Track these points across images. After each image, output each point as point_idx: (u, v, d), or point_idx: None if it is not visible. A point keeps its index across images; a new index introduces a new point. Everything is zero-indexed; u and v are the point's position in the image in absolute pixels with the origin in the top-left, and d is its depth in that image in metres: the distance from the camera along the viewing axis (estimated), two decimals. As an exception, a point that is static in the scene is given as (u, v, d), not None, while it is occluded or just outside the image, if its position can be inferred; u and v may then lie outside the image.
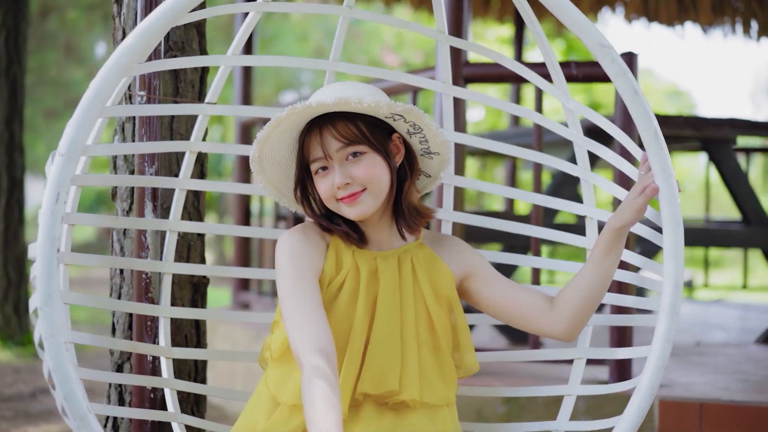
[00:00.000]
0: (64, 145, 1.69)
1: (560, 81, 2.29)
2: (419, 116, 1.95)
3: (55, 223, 1.67)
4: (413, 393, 1.95)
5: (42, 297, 1.65)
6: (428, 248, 2.09)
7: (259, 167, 2.04)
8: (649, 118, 1.93)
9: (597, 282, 2.04)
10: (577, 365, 2.31)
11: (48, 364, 1.66)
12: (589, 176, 2.31)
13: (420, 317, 2.01)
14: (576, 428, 2.24)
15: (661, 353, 1.95)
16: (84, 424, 1.64)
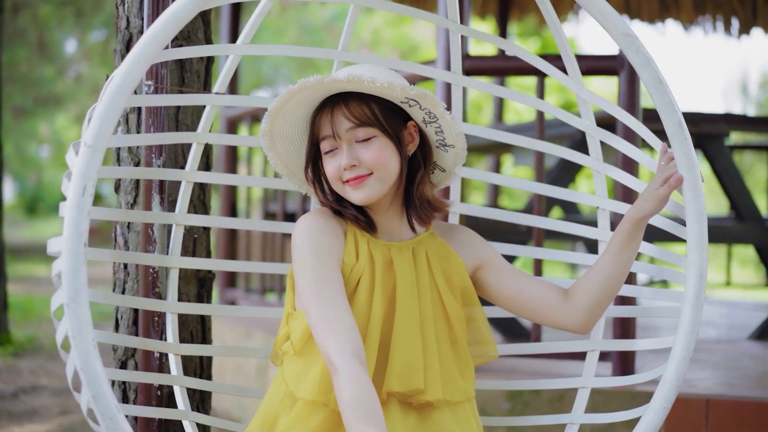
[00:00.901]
0: (90, 136, 1.63)
1: (575, 72, 2.27)
2: (434, 103, 1.89)
3: (82, 217, 1.61)
4: (437, 392, 1.91)
5: (69, 293, 1.59)
6: (440, 238, 2.05)
7: (270, 143, 2.01)
8: (674, 108, 1.92)
9: (614, 274, 2.01)
10: (590, 358, 2.30)
11: (75, 363, 1.60)
12: (602, 167, 2.29)
13: (437, 310, 1.97)
14: (593, 420, 2.21)
15: (686, 344, 1.95)
16: (114, 424, 1.58)
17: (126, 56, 1.71)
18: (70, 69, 16.53)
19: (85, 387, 1.59)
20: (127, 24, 2.44)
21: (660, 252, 2.11)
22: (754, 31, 7.17)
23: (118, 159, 2.46)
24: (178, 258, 2.30)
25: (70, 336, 1.58)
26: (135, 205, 2.42)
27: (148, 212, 2.27)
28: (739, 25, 7.08)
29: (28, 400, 4.75)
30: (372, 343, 1.88)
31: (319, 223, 1.92)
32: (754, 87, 20.57)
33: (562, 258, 2.39)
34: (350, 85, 1.87)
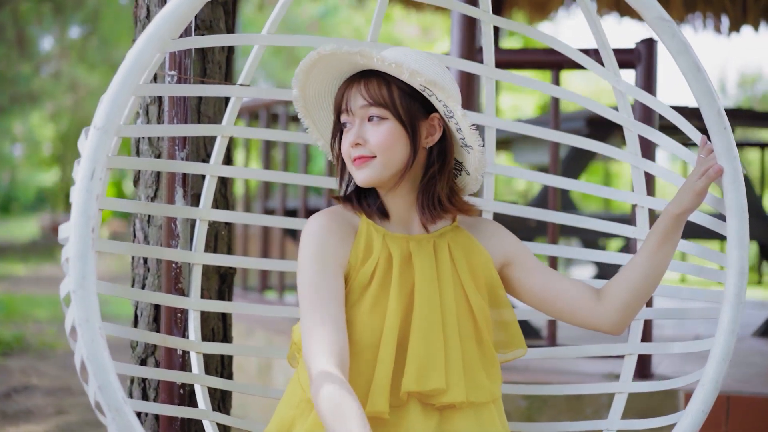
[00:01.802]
0: (100, 119, 1.58)
1: (611, 64, 2.22)
2: (447, 93, 1.79)
3: (91, 201, 1.55)
4: (459, 394, 1.81)
5: (76, 280, 1.53)
6: (465, 231, 1.95)
7: (305, 112, 1.98)
8: (713, 96, 1.86)
9: (650, 273, 1.93)
10: (628, 361, 2.22)
11: (81, 352, 1.53)
12: (641, 162, 2.23)
13: (460, 307, 1.87)
14: (630, 426, 2.15)
15: (726, 345, 1.88)
16: (120, 416, 1.51)
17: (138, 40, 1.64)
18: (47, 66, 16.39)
19: (91, 377, 1.53)
20: (147, 13, 2.37)
21: (696, 248, 2.06)
22: (744, 28, 7.20)
23: (138, 152, 2.40)
24: (201, 254, 2.24)
25: (77, 324, 1.52)
26: (155, 199, 2.36)
27: (173, 206, 2.21)
28: (729, 23, 7.10)
29: (21, 400, 4.67)
30: (389, 342, 1.79)
31: (325, 226, 1.84)
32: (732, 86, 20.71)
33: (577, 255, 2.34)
34: (361, 59, 1.81)
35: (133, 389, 2.43)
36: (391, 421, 1.80)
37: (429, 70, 1.84)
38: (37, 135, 22.73)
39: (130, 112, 2.08)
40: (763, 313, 5.72)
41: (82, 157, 1.59)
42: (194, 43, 2.06)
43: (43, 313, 8.52)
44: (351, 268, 1.83)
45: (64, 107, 18.36)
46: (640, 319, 2.20)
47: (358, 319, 1.80)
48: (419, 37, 16.68)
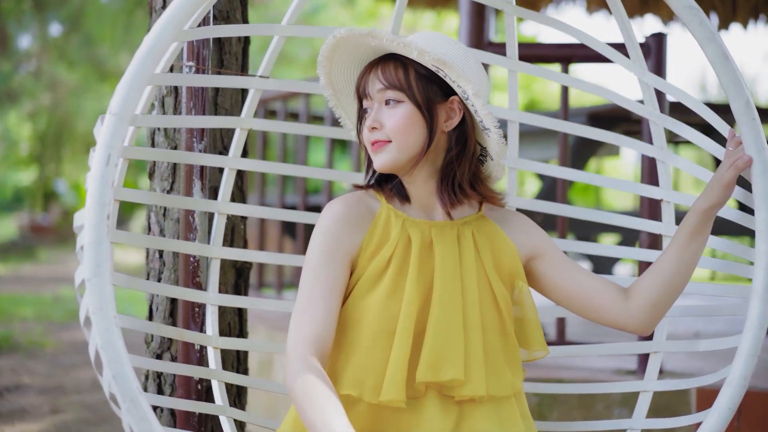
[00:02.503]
0: (115, 105, 1.54)
1: (638, 56, 2.21)
2: (457, 72, 1.76)
3: (106, 187, 1.51)
4: (480, 388, 1.76)
5: (91, 267, 1.49)
6: (490, 221, 1.91)
7: (335, 100, 1.97)
8: (741, 85, 1.82)
9: (679, 269, 1.88)
10: (653, 360, 2.19)
11: (95, 341, 1.50)
12: (667, 156, 2.21)
13: (484, 297, 1.82)
14: (654, 425, 2.13)
15: (755, 341, 1.83)
16: (135, 406, 1.47)
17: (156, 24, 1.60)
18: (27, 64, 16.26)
19: (105, 367, 1.48)
20: (163, 4, 2.33)
21: (723, 244, 2.03)
22: (733, 26, 7.22)
23: (153, 144, 2.36)
24: (219, 248, 2.21)
25: (91, 312, 1.48)
26: (171, 192, 2.33)
27: (192, 199, 2.17)
28: (718, 21, 7.12)
29: (14, 399, 4.62)
30: (405, 329, 1.74)
31: (339, 214, 1.81)
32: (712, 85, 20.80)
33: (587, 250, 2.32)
34: (373, 41, 1.79)
35: (148, 385, 2.39)
36: (408, 414, 1.77)
37: (441, 49, 1.80)
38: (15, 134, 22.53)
39: (146, 102, 2.05)
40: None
41: (97, 143, 1.56)
42: (210, 32, 2.04)
43: (29, 311, 8.46)
44: (363, 253, 1.80)
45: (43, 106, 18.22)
46: (667, 317, 2.17)
47: (373, 305, 1.77)
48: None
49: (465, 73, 1.80)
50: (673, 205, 2.21)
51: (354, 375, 1.76)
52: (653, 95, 2.21)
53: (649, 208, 3.02)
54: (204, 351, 2.21)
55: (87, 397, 4.84)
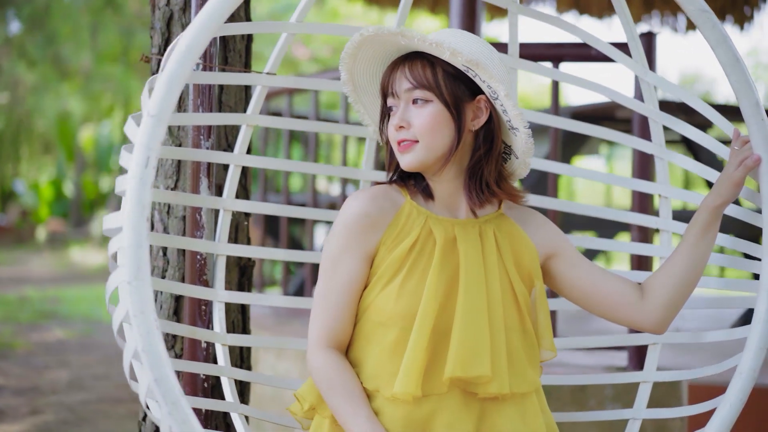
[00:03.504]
0: (154, 106, 1.53)
1: (640, 56, 2.25)
2: (490, 73, 1.76)
3: (145, 190, 1.50)
4: (504, 385, 1.78)
5: (131, 270, 1.48)
6: (510, 219, 1.92)
7: (355, 95, 1.97)
8: (751, 87, 1.88)
9: (692, 266, 1.92)
10: (652, 351, 2.24)
11: (135, 344, 1.49)
12: (665, 153, 2.25)
13: (506, 295, 1.84)
14: (657, 415, 2.17)
15: (763, 334, 1.89)
16: (176, 409, 1.47)
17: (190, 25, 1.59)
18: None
19: (146, 370, 1.47)
20: (167, 1, 2.33)
21: (731, 241, 2.07)
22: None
23: (156, 142, 2.35)
24: (226, 245, 2.21)
25: (132, 315, 1.47)
26: (176, 190, 2.32)
27: (200, 196, 2.17)
28: (686, 22, 7.22)
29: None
30: (424, 326, 1.75)
31: (361, 209, 1.82)
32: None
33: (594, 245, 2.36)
34: (403, 40, 1.79)
35: (150, 383, 2.38)
36: (430, 410, 1.77)
37: (471, 49, 1.81)
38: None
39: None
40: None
41: (135, 145, 1.55)
42: (246, 29, 2.05)
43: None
44: (382, 247, 1.81)
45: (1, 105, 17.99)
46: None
47: (391, 299, 1.78)
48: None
49: (496, 73, 1.81)
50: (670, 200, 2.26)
51: (372, 368, 1.79)
52: (653, 93, 2.25)
53: (639, 203, 3.07)
54: (210, 349, 2.21)
55: (64, 398, 4.81)
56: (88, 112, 17.37)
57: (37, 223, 21.04)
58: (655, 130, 2.27)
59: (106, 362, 6.06)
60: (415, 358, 1.74)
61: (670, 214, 2.26)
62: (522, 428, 1.80)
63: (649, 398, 2.20)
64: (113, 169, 20.17)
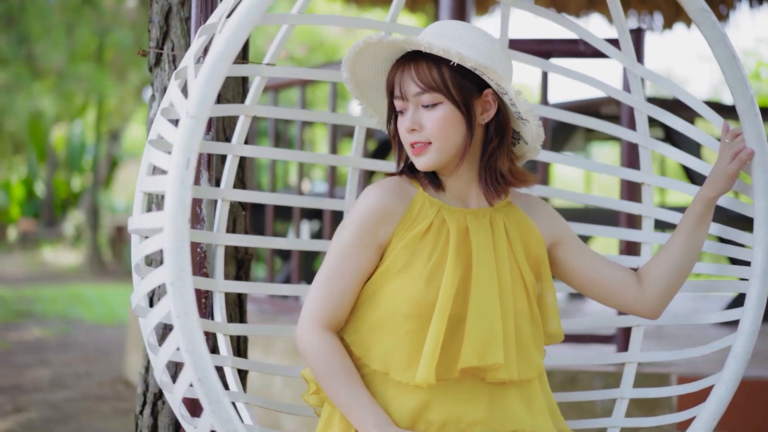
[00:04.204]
0: (193, 106, 1.53)
1: (629, 48, 2.31)
2: (498, 76, 1.80)
3: (186, 192, 1.51)
4: (512, 372, 1.83)
5: (173, 272, 1.48)
6: (517, 207, 1.96)
7: (358, 92, 1.98)
8: (746, 84, 1.95)
9: (688, 255, 1.99)
10: (636, 333, 2.32)
11: (179, 344, 1.50)
12: (648, 142, 2.32)
13: (515, 283, 1.88)
14: (644, 395, 2.25)
15: (755, 318, 1.98)
16: (220, 407, 1.49)
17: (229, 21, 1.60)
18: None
19: (189, 370, 1.49)
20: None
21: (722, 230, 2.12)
22: (677, 26, 7.40)
23: (153, 134, 2.36)
24: (224, 235, 2.22)
25: (174, 317, 1.48)
26: (174, 182, 2.33)
27: (198, 187, 2.18)
28: (662, 20, 7.30)
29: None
30: (442, 315, 1.79)
31: (377, 201, 1.85)
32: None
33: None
34: (408, 47, 1.82)
35: (149, 376, 2.39)
36: (441, 395, 1.81)
37: (477, 49, 1.83)
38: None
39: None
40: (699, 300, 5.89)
41: (174, 146, 1.54)
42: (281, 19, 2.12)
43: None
44: (394, 238, 1.85)
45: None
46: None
47: (406, 288, 1.81)
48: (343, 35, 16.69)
49: (504, 73, 1.84)
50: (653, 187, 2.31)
51: (384, 352, 1.82)
52: (640, 85, 2.33)
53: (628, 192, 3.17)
54: (209, 339, 2.22)
55: (48, 396, 4.79)
56: (60, 112, 17.25)
57: (8, 223, 20.88)
58: (640, 121, 2.34)
59: (86, 360, 6.05)
60: (435, 348, 1.78)
61: (652, 201, 2.34)
62: (526, 411, 1.86)
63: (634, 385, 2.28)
64: (85, 169, 20.04)
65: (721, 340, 2.08)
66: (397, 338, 1.81)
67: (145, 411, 2.39)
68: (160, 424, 2.37)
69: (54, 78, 15.17)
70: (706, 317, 2.21)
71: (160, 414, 2.38)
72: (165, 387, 1.84)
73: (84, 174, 20.14)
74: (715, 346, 2.12)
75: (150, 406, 2.39)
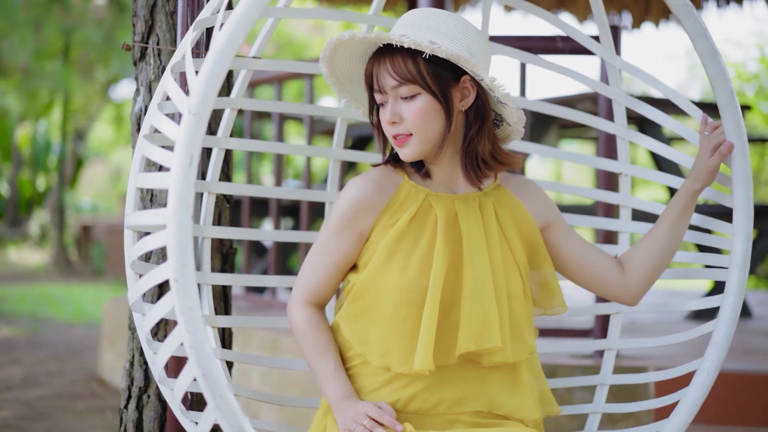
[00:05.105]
0: (195, 103, 1.55)
1: (608, 41, 2.37)
2: (470, 64, 1.81)
3: (189, 188, 1.52)
4: (507, 354, 1.86)
5: (177, 268, 1.50)
6: (507, 190, 1.99)
7: (339, 86, 2.01)
8: (726, 78, 2.00)
9: (670, 245, 2.04)
10: (615, 320, 2.37)
11: (183, 340, 1.51)
12: (626, 133, 2.38)
13: (508, 264, 1.90)
14: (624, 381, 2.30)
15: (735, 305, 2.03)
16: (224, 402, 1.51)
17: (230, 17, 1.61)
18: None
19: (193, 366, 1.51)
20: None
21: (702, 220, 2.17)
22: (645, 25, 7.48)
23: (138, 128, 2.36)
24: (211, 227, 2.23)
25: (179, 312, 1.50)
26: (160, 176, 2.33)
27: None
28: (631, 20, 7.36)
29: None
30: (434, 301, 1.82)
31: (359, 192, 1.89)
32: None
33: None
34: (380, 41, 1.84)
35: (134, 371, 2.39)
36: (432, 380, 1.84)
37: (454, 38, 1.83)
38: None
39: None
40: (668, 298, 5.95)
41: (177, 143, 1.54)
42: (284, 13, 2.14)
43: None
44: (378, 225, 1.88)
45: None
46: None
47: (396, 277, 1.84)
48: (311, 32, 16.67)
49: (478, 62, 1.85)
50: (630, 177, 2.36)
51: (382, 345, 1.85)
52: (619, 78, 2.38)
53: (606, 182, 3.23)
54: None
55: (20, 394, 4.75)
56: (25, 110, 17.08)
57: (-29, 223, 20.66)
58: (618, 112, 2.40)
59: (57, 359, 6.00)
60: (429, 335, 1.81)
61: (629, 190, 2.40)
62: (508, 393, 1.89)
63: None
64: (50, 168, 19.84)
65: (701, 326, 2.13)
66: (391, 328, 1.84)
67: (130, 405, 2.40)
68: (145, 418, 2.38)
69: (19, 76, 15.03)
70: (686, 304, 2.24)
71: (146, 408, 2.38)
72: (164, 383, 1.84)
73: (49, 173, 19.94)
74: (695, 332, 2.16)
75: (135, 401, 2.39)
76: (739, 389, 3.06)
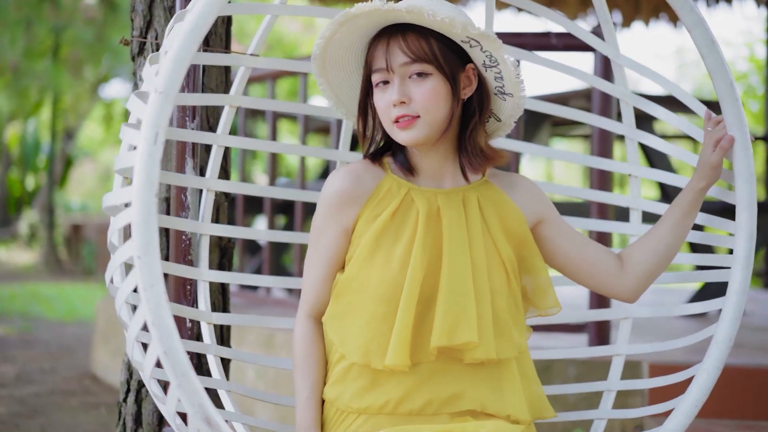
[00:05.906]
0: (162, 82, 1.55)
1: (612, 39, 2.33)
2: (497, 46, 1.77)
3: (154, 166, 1.52)
4: (490, 351, 1.82)
5: (140, 245, 1.49)
6: (495, 186, 1.94)
7: (321, 69, 1.91)
8: (725, 68, 1.95)
9: (674, 243, 1.99)
10: (624, 326, 2.31)
11: (146, 318, 1.50)
12: (635, 134, 2.34)
13: (492, 260, 1.86)
14: (631, 386, 2.26)
15: (738, 305, 1.98)
16: (187, 380, 1.49)
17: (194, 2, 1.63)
18: None
19: (155, 343, 1.49)
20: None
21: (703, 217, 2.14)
22: (635, 24, 7.51)
23: (136, 123, 2.37)
24: (209, 224, 2.23)
25: (141, 290, 1.49)
26: (158, 171, 2.34)
27: (184, 175, 2.20)
28: (621, 18, 7.39)
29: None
30: (411, 296, 1.79)
31: (338, 187, 1.86)
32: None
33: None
34: (409, 16, 1.75)
35: (132, 365, 2.39)
36: (420, 377, 1.82)
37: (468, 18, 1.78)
38: None
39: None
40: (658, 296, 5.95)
41: (143, 122, 1.56)
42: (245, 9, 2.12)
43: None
44: (360, 220, 1.86)
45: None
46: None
47: (376, 272, 1.82)
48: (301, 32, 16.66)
49: (499, 43, 1.79)
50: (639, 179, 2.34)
51: (360, 342, 1.82)
52: (624, 75, 2.34)
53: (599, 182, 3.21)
54: (196, 327, 2.23)
55: (14, 391, 4.75)
56: (15, 109, 17.03)
57: (-40, 222, 20.58)
58: (625, 111, 2.35)
59: (50, 357, 5.99)
60: (403, 330, 1.78)
61: (639, 192, 2.34)
62: (495, 392, 1.85)
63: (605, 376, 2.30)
64: (39, 168, 19.80)
65: (703, 330, 2.08)
66: (371, 324, 1.82)
67: (129, 398, 2.40)
68: (144, 411, 2.38)
69: (9, 75, 14.98)
70: (686, 308, 2.22)
71: (144, 401, 2.38)
72: (138, 366, 1.83)
73: (38, 173, 19.89)
74: (701, 335, 2.11)
75: (134, 394, 2.40)
76: (730, 383, 3.07)
